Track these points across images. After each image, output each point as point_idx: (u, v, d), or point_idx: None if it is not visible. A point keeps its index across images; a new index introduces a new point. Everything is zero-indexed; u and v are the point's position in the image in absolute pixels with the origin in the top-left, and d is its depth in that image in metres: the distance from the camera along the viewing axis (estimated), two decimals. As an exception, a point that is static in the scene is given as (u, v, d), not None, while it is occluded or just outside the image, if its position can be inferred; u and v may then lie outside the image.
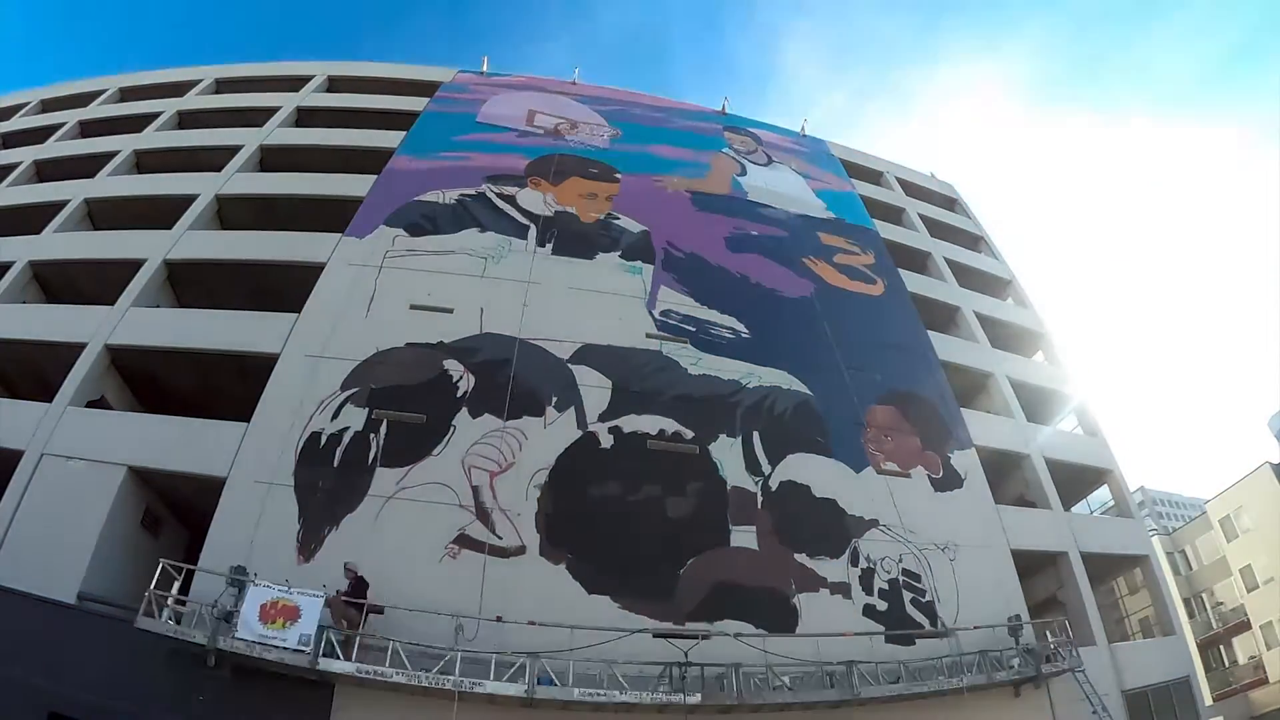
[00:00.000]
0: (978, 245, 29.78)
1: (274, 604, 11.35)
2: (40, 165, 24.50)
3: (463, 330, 17.02)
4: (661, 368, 17.54)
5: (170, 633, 11.13)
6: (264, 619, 11.22)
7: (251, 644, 11.01)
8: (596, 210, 22.01)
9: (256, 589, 11.49)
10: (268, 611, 11.29)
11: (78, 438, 14.26)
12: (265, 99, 26.82)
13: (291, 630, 11.19)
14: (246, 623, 11.15)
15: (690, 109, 31.30)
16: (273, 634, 11.13)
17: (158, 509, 14.77)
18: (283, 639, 11.11)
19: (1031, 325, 26.01)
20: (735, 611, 14.05)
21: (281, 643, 11.08)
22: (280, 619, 11.26)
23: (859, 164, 31.22)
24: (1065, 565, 18.18)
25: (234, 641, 10.99)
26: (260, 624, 11.18)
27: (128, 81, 29.85)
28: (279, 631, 11.16)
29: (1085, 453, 21.76)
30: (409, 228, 19.73)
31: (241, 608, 11.25)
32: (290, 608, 11.36)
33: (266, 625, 11.18)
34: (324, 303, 17.20)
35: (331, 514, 13.63)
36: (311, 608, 11.43)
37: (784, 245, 23.10)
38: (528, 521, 14.20)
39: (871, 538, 15.91)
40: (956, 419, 19.34)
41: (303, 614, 11.34)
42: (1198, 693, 18.23)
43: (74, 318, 16.94)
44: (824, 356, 19.25)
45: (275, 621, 11.23)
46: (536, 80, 30.76)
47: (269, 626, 11.17)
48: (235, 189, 21.70)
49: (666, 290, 19.66)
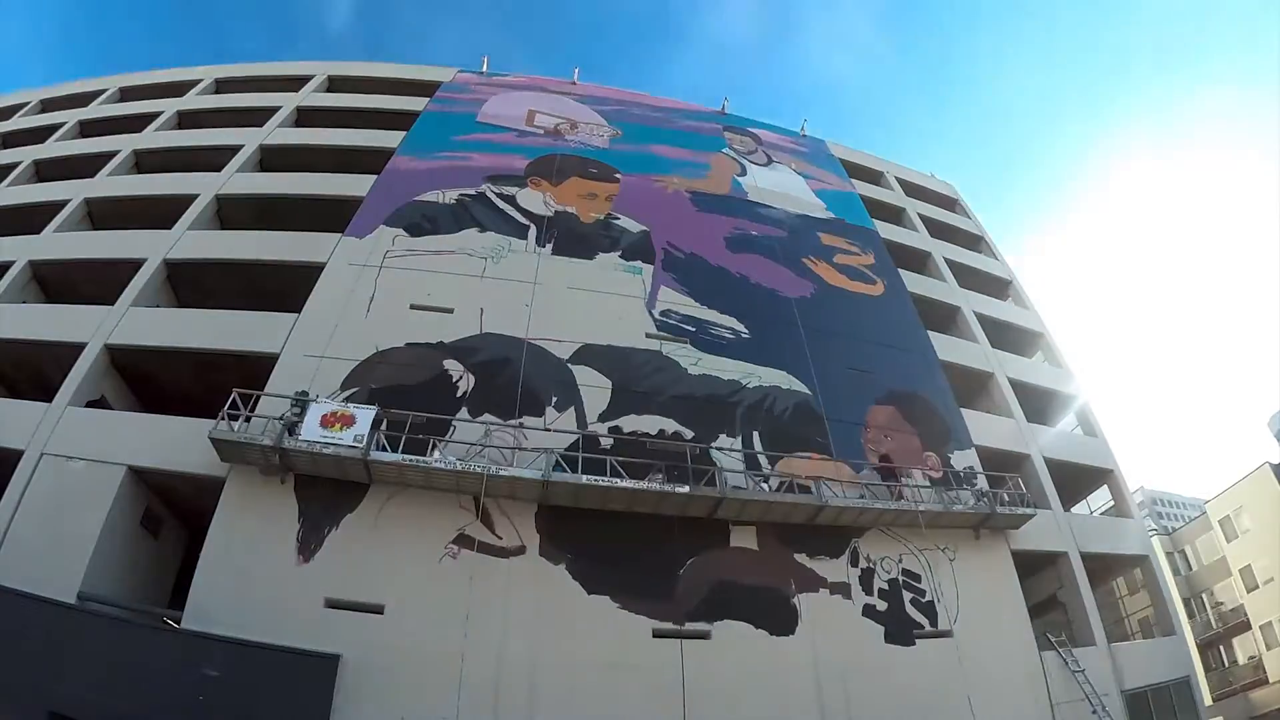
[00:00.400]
0: (978, 245, 29.77)
1: (334, 414, 13.70)
2: (40, 165, 24.50)
3: (463, 330, 17.01)
4: (661, 368, 17.54)
5: (242, 438, 13.20)
6: (324, 425, 13.50)
7: (313, 444, 13.23)
8: (596, 210, 22.02)
9: (318, 404, 13.89)
10: (328, 419, 13.59)
11: (78, 438, 14.25)
12: (265, 99, 26.83)
13: (348, 432, 13.44)
14: (309, 429, 13.40)
15: (690, 109, 31.29)
16: (332, 435, 13.37)
17: (158, 509, 14.75)
18: (340, 439, 13.33)
19: (1031, 325, 26.02)
20: (735, 611, 14.06)
21: (339, 441, 13.28)
22: (339, 424, 13.55)
23: (859, 164, 31.22)
24: (1065, 565, 18.17)
25: (297, 442, 13.22)
26: (321, 429, 13.41)
27: (128, 81, 29.86)
28: (337, 434, 13.40)
29: (1085, 453, 21.75)
30: (409, 228, 19.73)
31: (305, 420, 13.52)
32: (348, 416, 13.71)
33: (327, 429, 13.43)
34: (324, 303, 17.20)
35: (331, 514, 13.62)
36: (365, 416, 13.72)
37: (784, 245, 23.10)
38: (527, 521, 14.20)
39: (871, 538, 15.91)
40: (956, 419, 19.33)
41: (357, 420, 13.61)
42: (1197, 693, 18.23)
43: (74, 318, 16.91)
44: (824, 356, 19.24)
45: (334, 426, 13.51)
46: (536, 80, 30.76)
47: (330, 430, 13.42)
48: (235, 189, 21.69)
49: (666, 290, 19.66)
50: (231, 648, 11.30)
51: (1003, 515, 16.52)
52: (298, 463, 13.53)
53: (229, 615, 11.91)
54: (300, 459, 13.41)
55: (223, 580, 12.54)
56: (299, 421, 13.50)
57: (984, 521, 16.54)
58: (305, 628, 12.10)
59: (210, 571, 12.62)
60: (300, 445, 13.21)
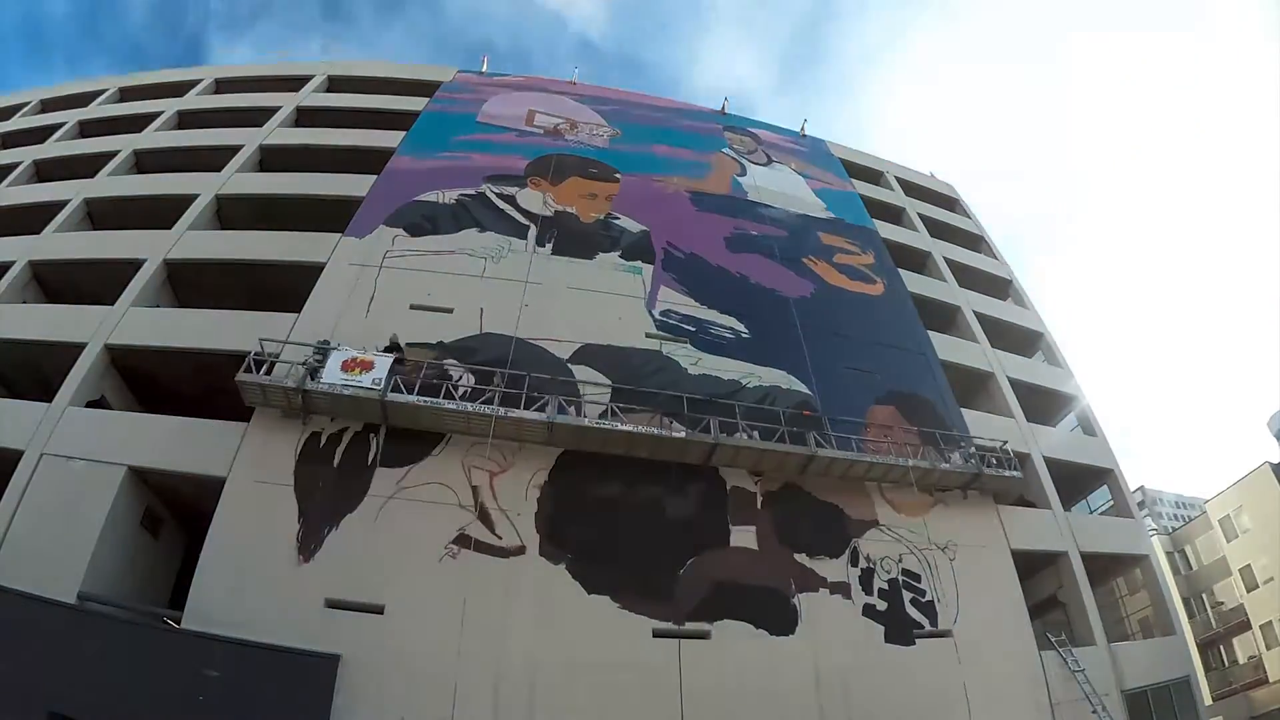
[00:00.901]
0: (978, 245, 29.74)
1: (354, 360, 14.57)
2: (40, 165, 24.47)
3: (462, 330, 17.01)
4: (661, 368, 17.53)
5: (266, 381, 13.97)
6: (345, 369, 14.38)
7: (334, 385, 14.12)
8: (596, 210, 22.01)
9: (339, 351, 14.75)
10: (348, 365, 14.47)
11: (78, 438, 14.24)
12: (265, 99, 26.80)
13: (366, 376, 14.34)
14: (330, 373, 14.31)
15: (690, 109, 31.30)
16: (352, 379, 14.25)
17: (158, 509, 14.76)
18: (359, 381, 14.23)
19: (1031, 325, 26.01)
20: (735, 611, 14.07)
21: (359, 383, 14.18)
22: (358, 369, 14.44)
23: (859, 163, 31.20)
24: (1065, 565, 18.16)
25: (319, 384, 14.08)
26: (342, 373, 14.30)
27: (127, 81, 29.85)
28: (357, 377, 14.30)
29: (1085, 452, 21.75)
30: (409, 228, 19.72)
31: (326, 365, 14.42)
32: (367, 361, 14.60)
33: (347, 374, 14.31)
34: (324, 303, 17.19)
35: (331, 514, 13.63)
36: (383, 362, 14.62)
37: (784, 245, 23.08)
38: (527, 521, 14.20)
39: (871, 537, 15.91)
40: (956, 419, 19.33)
41: (376, 366, 14.51)
42: (1197, 693, 18.22)
43: (74, 318, 16.90)
44: (824, 356, 19.24)
45: (354, 370, 14.40)
46: (536, 80, 30.77)
47: (349, 374, 14.30)
48: (235, 189, 21.68)
49: (666, 290, 19.65)
50: (231, 648, 11.30)
51: (991, 476, 16.86)
52: (319, 404, 14.36)
53: (229, 615, 11.91)
54: (321, 400, 14.24)
55: (223, 580, 12.54)
56: (320, 367, 14.40)
57: (972, 482, 16.89)
58: (305, 628, 12.10)
59: (210, 571, 12.62)
60: (322, 387, 14.06)
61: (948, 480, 16.82)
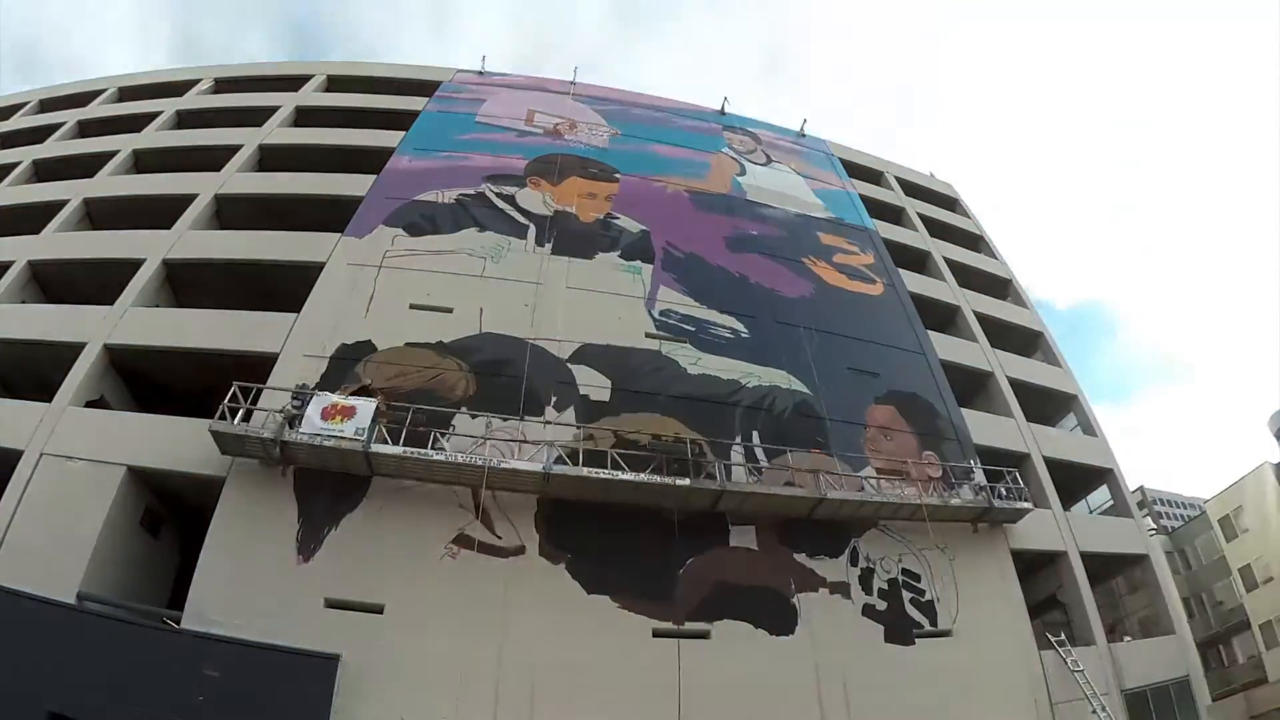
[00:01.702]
0: (977, 245, 29.75)
1: (334, 406, 13.77)
2: (39, 165, 24.46)
3: (462, 330, 17.00)
4: (661, 367, 17.53)
5: (242, 431, 13.22)
6: (325, 417, 13.56)
7: (314, 435, 13.30)
8: (596, 210, 22.00)
9: (320, 396, 13.95)
10: (329, 411, 13.66)
11: (77, 438, 14.25)
12: (264, 99, 26.80)
13: (348, 424, 13.50)
14: (310, 421, 13.45)
15: (690, 108, 31.27)
16: (333, 427, 13.43)
17: (157, 509, 14.74)
18: (341, 430, 13.41)
19: (1031, 325, 26.00)
20: (734, 611, 14.07)
21: (340, 433, 13.37)
22: (340, 416, 13.62)
23: (858, 164, 31.19)
24: (1065, 565, 18.17)
25: (298, 435, 13.26)
26: (323, 421, 13.47)
27: (127, 81, 29.84)
28: (339, 426, 13.47)
29: (1085, 452, 21.75)
30: (408, 227, 19.72)
31: (305, 412, 13.57)
32: (348, 408, 13.79)
33: (328, 421, 13.49)
34: (323, 302, 17.19)
35: (331, 514, 13.62)
36: (366, 408, 13.79)
37: (783, 245, 23.08)
38: (527, 522, 14.19)
39: (871, 537, 15.90)
40: (956, 418, 19.32)
41: (358, 413, 13.67)
42: (1197, 693, 18.21)
43: (73, 318, 16.91)
44: (823, 356, 19.23)
45: (335, 418, 13.57)
46: (536, 80, 30.74)
47: (330, 422, 13.48)
48: (234, 189, 21.68)
49: (666, 290, 19.65)
50: (231, 648, 11.30)
51: (1001, 509, 16.64)
52: (298, 455, 13.60)
53: (229, 615, 11.92)
54: (301, 451, 13.48)
55: (223, 580, 12.54)
56: (300, 414, 13.57)
57: (983, 515, 16.66)
58: (305, 628, 12.09)
59: (210, 571, 12.62)
60: (301, 438, 13.26)
61: (959, 515, 16.51)
